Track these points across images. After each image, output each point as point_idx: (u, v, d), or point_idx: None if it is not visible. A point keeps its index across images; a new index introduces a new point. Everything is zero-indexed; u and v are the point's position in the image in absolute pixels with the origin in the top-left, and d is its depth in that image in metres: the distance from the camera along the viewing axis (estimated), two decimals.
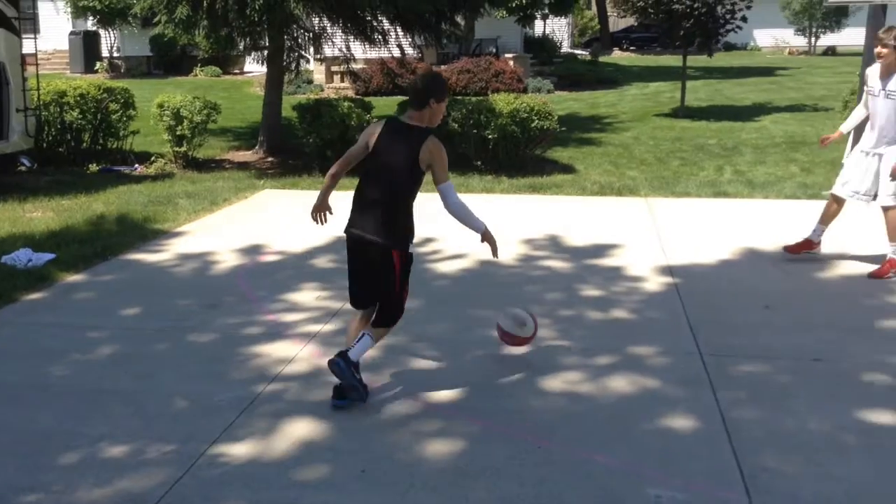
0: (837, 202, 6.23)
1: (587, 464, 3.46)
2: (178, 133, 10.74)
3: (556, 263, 6.44)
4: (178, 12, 10.52)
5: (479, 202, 8.67)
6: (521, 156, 10.22)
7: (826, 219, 6.31)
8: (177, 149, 10.98)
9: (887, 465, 3.41)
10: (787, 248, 6.44)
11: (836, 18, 33.10)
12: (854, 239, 6.76)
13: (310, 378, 4.36)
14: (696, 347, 4.68)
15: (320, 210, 4.24)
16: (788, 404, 3.96)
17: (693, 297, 5.57)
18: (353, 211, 4.04)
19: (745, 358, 4.53)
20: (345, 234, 4.07)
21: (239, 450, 3.60)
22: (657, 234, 7.27)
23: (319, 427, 3.81)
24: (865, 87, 6.03)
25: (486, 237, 4.16)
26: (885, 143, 5.82)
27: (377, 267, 3.98)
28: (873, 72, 5.91)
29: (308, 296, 5.70)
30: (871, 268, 6.03)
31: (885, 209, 5.87)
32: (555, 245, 6.97)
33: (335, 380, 3.96)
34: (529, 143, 10.20)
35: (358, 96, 17.05)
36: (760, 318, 5.18)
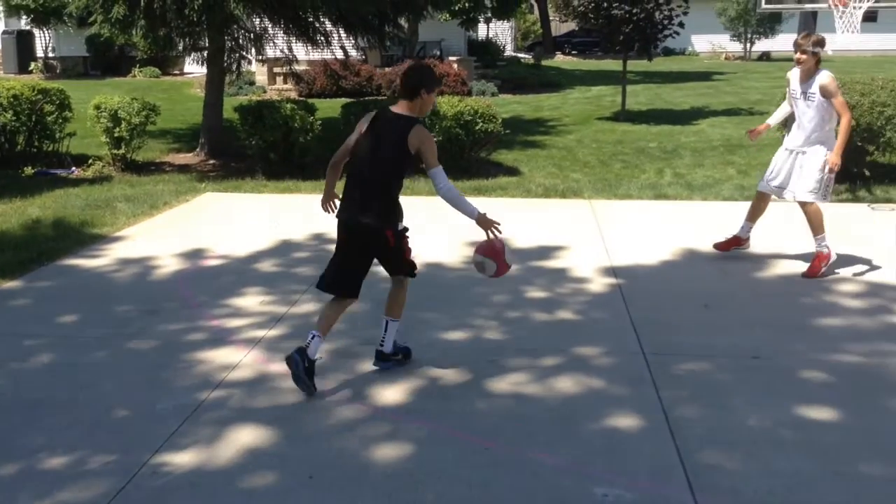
0: (762, 199, 6.45)
1: (534, 464, 3.49)
2: (115, 135, 10.49)
3: None
4: (114, 12, 10.28)
5: (424, 204, 8.68)
6: (466, 158, 10.26)
7: (753, 216, 6.52)
8: (115, 151, 10.73)
9: (824, 459, 3.52)
10: (717, 246, 6.63)
11: (770, 25, 34.04)
12: (789, 238, 6.96)
13: (254, 384, 4.30)
14: (640, 347, 4.76)
15: (328, 200, 4.47)
16: (728, 401, 4.06)
17: (636, 297, 5.66)
18: (344, 198, 4.20)
19: (687, 357, 4.62)
20: (337, 220, 4.22)
21: (183, 458, 3.54)
22: (601, 235, 7.38)
23: (265, 434, 3.77)
24: (788, 90, 6.26)
25: (482, 223, 4.18)
26: (808, 143, 6.06)
27: (370, 249, 4.18)
28: (794, 76, 6.14)
29: (252, 300, 5.63)
30: (805, 266, 6.21)
31: (804, 204, 6.09)
32: None
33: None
34: (474, 145, 10.25)
35: (301, 98, 16.92)
36: (700, 317, 5.30)
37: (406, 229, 4.27)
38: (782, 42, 33.51)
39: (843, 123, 5.88)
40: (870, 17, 31.28)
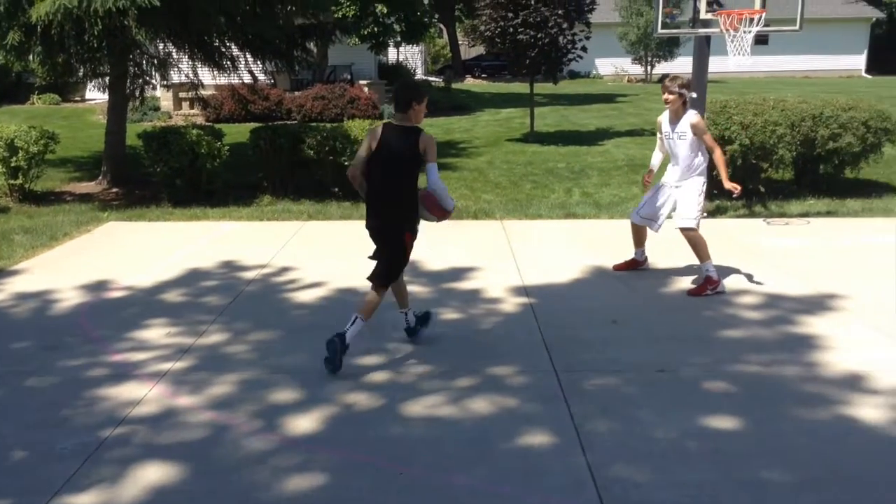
0: (638, 228, 6.82)
1: (450, 487, 3.49)
2: (12, 165, 10.07)
3: (415, 288, 6.48)
4: (9, 38, 9.88)
5: (337, 228, 8.65)
6: None
7: (638, 242, 6.89)
8: (12, 181, 10.28)
9: (727, 468, 3.63)
10: (616, 267, 6.95)
11: (669, 48, 35.37)
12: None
13: (160, 419, 4.16)
14: (552, 365, 4.83)
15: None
16: (636, 415, 4.16)
17: (547, 315, 5.75)
18: (371, 208, 4.86)
19: (597, 372, 4.71)
20: (368, 228, 4.95)
21: (84, 500, 3.38)
22: (512, 255, 7.47)
23: (172, 470, 3.64)
24: (659, 134, 6.62)
25: (446, 216, 4.91)
26: (683, 178, 6.42)
27: (391, 243, 4.89)
28: (664, 119, 6.48)
29: (157, 332, 5.46)
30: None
31: (684, 230, 6.40)
32: (413, 269, 7.01)
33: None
34: None
35: (209, 123, 16.62)
36: (609, 333, 5.42)
37: (417, 231, 4.98)
38: (681, 65, 34.84)
39: (717, 156, 6.31)
40: (761, 40, 33.02)
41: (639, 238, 6.87)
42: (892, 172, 11.17)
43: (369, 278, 4.94)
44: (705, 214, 7.16)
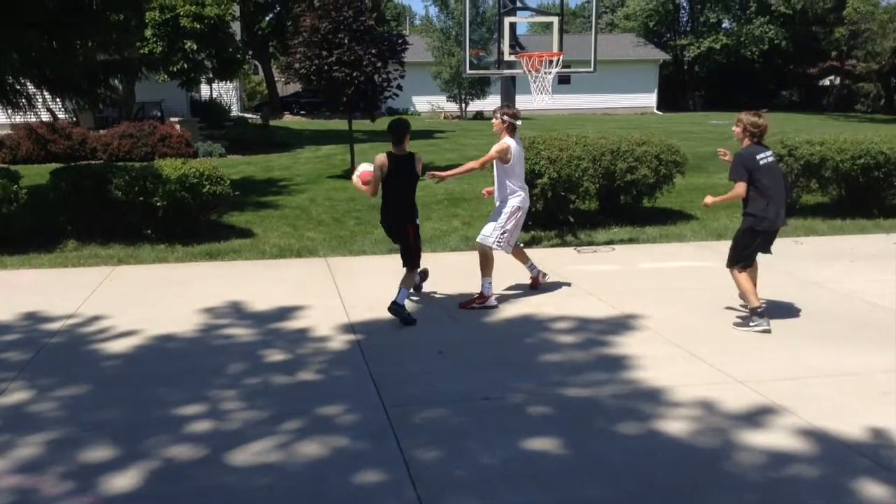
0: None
1: None
2: None
3: (239, 331, 6.31)
4: None
5: (150, 273, 8.24)
6: (194, 222, 9.91)
7: (521, 260, 7.36)
8: None
9: (550, 490, 3.80)
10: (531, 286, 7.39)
11: (481, 87, 36.94)
12: (509, 283, 7.52)
13: None
14: (380, 400, 4.85)
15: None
16: (463, 444, 4.25)
17: (375, 351, 5.78)
18: (385, 212, 6.75)
19: (424, 405, 4.78)
20: (383, 226, 6.93)
21: None
22: (338, 292, 7.45)
23: None
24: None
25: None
26: (499, 198, 7.02)
27: (402, 236, 6.70)
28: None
29: None
30: (525, 309, 6.76)
31: (479, 244, 7.00)
32: (236, 312, 6.82)
33: None
34: (202, 208, 9.93)
35: (4, 165, 15.39)
36: (435, 364, 5.52)
37: (418, 225, 6.80)
38: (493, 103, 36.40)
39: (471, 163, 7.09)
40: (564, 80, 35.19)
41: (518, 258, 7.31)
42: (684, 201, 12.21)
43: (404, 265, 6.76)
44: (521, 244, 7.49)
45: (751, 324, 6.17)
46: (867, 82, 46.00)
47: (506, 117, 6.85)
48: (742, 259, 6.30)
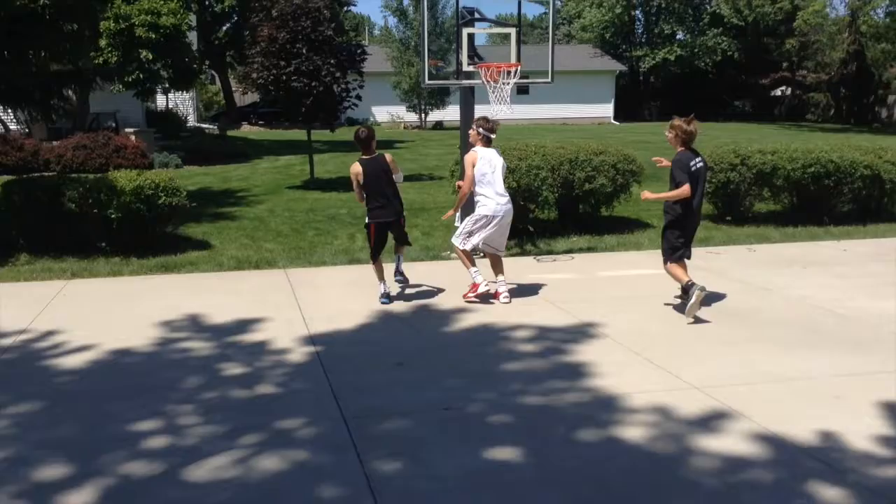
0: (491, 257, 7.57)
1: None
2: None
3: (197, 344, 6.23)
4: None
5: (105, 286, 8.10)
6: (150, 234, 9.77)
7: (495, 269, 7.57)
8: None
9: (510, 499, 3.81)
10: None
11: (441, 97, 37.06)
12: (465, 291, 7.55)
13: None
14: (340, 412, 4.83)
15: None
16: (424, 455, 4.25)
17: (335, 362, 5.75)
18: (375, 208, 7.35)
19: (385, 416, 4.77)
20: (375, 220, 7.41)
21: None
22: (297, 304, 7.40)
23: None
24: None
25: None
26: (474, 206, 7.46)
27: (393, 227, 7.47)
28: None
29: None
30: (485, 319, 6.79)
31: (453, 245, 7.58)
32: (193, 325, 6.74)
33: None
34: (159, 220, 9.80)
35: None
36: (395, 375, 5.51)
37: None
38: (453, 112, 36.62)
39: (462, 190, 7.45)
40: (523, 90, 35.46)
41: (492, 266, 7.57)
42: (641, 210, 12.36)
43: (400, 244, 7.71)
44: (482, 255, 7.74)
45: (691, 298, 6.55)
46: (817, 92, 47.19)
47: (481, 129, 7.31)
48: (675, 252, 6.88)
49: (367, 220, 7.48)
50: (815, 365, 5.62)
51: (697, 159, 6.71)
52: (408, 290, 7.81)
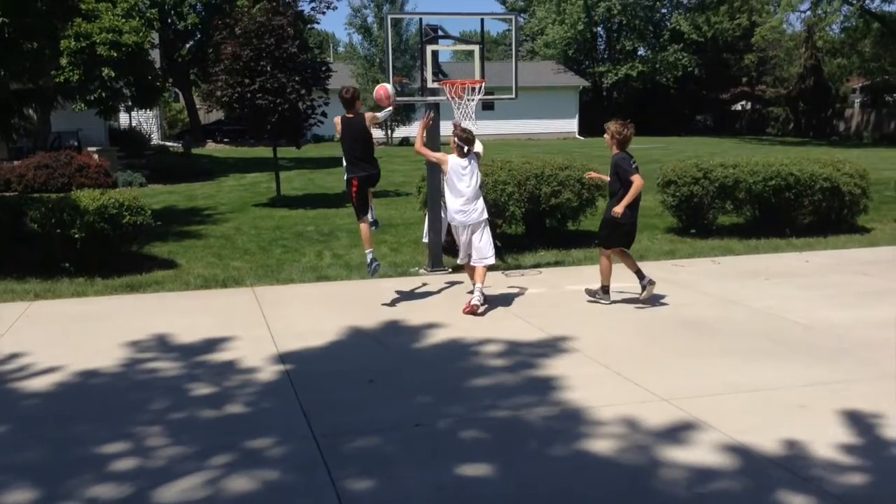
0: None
1: None
2: None
3: (163, 364, 6.16)
4: None
5: (70, 307, 7.98)
6: (114, 254, 9.65)
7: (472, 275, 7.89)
8: None
9: None
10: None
11: (406, 114, 37.18)
12: (441, 309, 7.55)
13: None
14: (310, 431, 4.80)
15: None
16: (395, 471, 4.24)
17: (304, 380, 5.72)
18: (352, 165, 7.72)
19: (355, 434, 4.75)
20: (356, 175, 7.73)
21: None
22: (266, 322, 7.35)
23: None
24: None
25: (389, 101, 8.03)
26: None
27: (372, 184, 7.94)
28: None
29: None
30: (455, 334, 6.80)
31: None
32: (160, 345, 6.66)
33: None
34: (123, 240, 9.68)
35: None
36: (366, 392, 5.50)
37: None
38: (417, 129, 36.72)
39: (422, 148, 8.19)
40: (488, 106, 35.72)
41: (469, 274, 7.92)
42: None
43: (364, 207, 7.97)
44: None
45: (596, 296, 7.71)
46: (776, 107, 48.19)
47: (456, 138, 7.69)
48: (608, 244, 7.67)
49: (346, 176, 7.77)
50: (781, 375, 5.71)
51: (633, 159, 7.41)
52: (378, 307, 7.79)
